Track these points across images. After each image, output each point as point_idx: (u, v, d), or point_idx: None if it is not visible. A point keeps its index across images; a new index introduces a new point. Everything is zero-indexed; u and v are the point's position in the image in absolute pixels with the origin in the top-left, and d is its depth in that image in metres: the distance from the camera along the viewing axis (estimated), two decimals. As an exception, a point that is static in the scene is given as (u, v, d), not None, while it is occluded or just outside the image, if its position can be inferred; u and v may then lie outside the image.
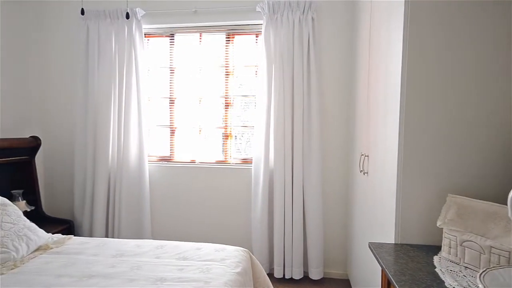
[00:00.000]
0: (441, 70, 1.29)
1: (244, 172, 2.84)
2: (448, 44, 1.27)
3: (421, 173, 1.31)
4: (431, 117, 1.30)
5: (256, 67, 2.82)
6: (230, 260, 1.79)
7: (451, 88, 1.28)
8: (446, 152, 1.30)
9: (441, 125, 1.29)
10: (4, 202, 1.94)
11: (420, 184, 1.31)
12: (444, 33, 1.27)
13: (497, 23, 1.24)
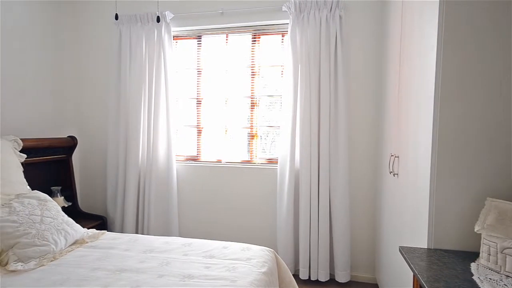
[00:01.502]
0: (479, 69, 1.22)
1: (269, 172, 2.84)
2: (485, 43, 1.20)
3: (457, 175, 1.25)
4: (468, 116, 1.23)
5: (282, 67, 2.81)
6: (256, 260, 1.80)
7: (490, 87, 1.21)
8: (485, 153, 1.23)
9: (479, 124, 1.23)
10: (45, 198, 2.07)
11: (456, 187, 1.25)
12: (480, 32, 1.21)
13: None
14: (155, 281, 1.54)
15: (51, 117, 2.89)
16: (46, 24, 2.80)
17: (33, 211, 1.90)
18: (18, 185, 2.13)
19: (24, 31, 2.60)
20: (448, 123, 1.25)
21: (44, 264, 1.69)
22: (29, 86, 2.66)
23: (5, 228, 1.72)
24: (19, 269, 1.61)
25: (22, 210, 1.85)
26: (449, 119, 1.25)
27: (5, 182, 2.04)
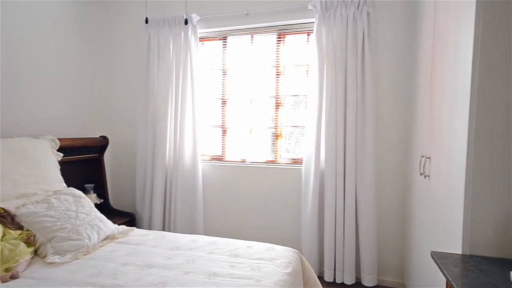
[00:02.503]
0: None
1: (294, 172, 2.82)
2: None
3: (495, 177, 1.18)
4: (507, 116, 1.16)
5: (307, 66, 2.78)
6: (280, 260, 1.79)
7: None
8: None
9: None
10: (80, 194, 2.18)
11: (494, 189, 1.18)
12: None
13: None
14: (182, 278, 1.58)
15: (85, 118, 3.03)
16: (82, 31, 2.94)
17: (69, 207, 2.00)
18: (55, 182, 2.26)
19: (61, 35, 2.75)
20: (485, 123, 1.19)
21: (78, 257, 1.78)
22: (65, 89, 2.80)
23: (44, 223, 1.83)
24: (56, 262, 1.70)
25: (59, 206, 1.95)
26: (485, 119, 1.19)
27: (44, 180, 2.17)
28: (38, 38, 2.54)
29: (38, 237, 1.80)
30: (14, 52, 2.37)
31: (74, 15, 2.87)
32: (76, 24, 2.90)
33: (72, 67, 2.87)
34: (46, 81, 2.62)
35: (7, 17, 2.29)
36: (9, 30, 2.31)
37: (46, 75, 2.62)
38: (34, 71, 2.51)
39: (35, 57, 2.53)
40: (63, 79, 2.78)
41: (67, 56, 2.81)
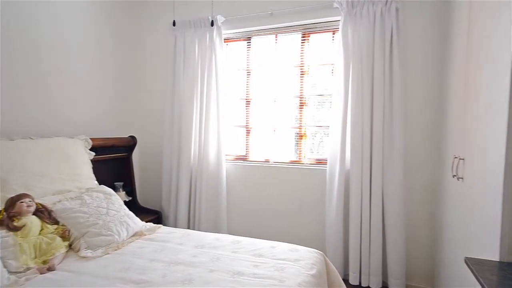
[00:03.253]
0: None
1: (318, 172, 2.79)
2: None
3: (538, 181, 1.10)
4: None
5: (332, 66, 2.73)
6: (304, 261, 1.78)
7: None
8: None
9: None
10: (110, 192, 2.27)
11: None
12: None
13: None
14: (207, 275, 1.60)
15: (115, 119, 3.15)
16: (112, 34, 3.06)
17: (100, 204, 2.09)
18: (88, 180, 2.36)
19: (92, 39, 2.87)
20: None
21: (109, 252, 1.85)
22: (97, 91, 2.93)
23: (78, 218, 1.92)
24: (88, 256, 1.78)
25: (91, 203, 2.04)
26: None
27: (77, 177, 2.28)
28: (71, 41, 2.66)
29: (72, 232, 1.89)
30: (49, 57, 2.49)
31: (104, 18, 2.99)
32: (107, 27, 3.02)
33: (103, 70, 2.99)
34: (79, 84, 2.75)
35: (39, 19, 2.39)
36: (43, 34, 2.43)
37: (78, 79, 2.74)
38: (67, 74, 2.64)
39: (69, 61, 2.65)
40: (94, 82, 2.91)
41: (98, 60, 2.93)
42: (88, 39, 2.83)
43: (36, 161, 2.06)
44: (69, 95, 2.66)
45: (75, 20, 2.69)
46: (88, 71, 2.84)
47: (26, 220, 1.73)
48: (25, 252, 1.63)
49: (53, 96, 2.52)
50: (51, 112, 2.51)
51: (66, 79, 2.62)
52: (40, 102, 2.41)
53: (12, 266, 1.54)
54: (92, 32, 2.86)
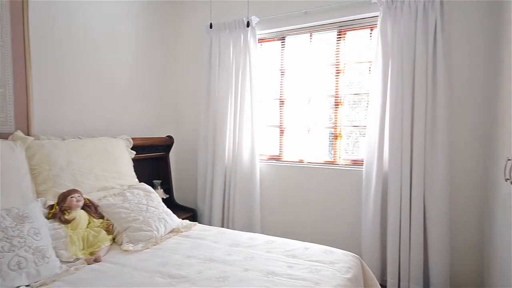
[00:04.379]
0: None
1: (353, 174, 2.71)
2: None
3: None
4: None
5: (370, 63, 2.64)
6: (339, 264, 1.74)
7: None
8: None
9: None
10: (149, 189, 2.37)
11: None
12: None
13: None
14: (241, 274, 1.62)
15: (153, 119, 3.29)
16: (152, 36, 3.20)
17: (141, 200, 2.19)
18: (129, 178, 2.49)
19: (130, 40, 3.01)
20: None
21: (148, 247, 1.93)
22: (136, 92, 3.08)
23: (121, 214, 2.03)
24: (130, 249, 1.88)
25: (132, 199, 2.15)
26: None
27: (120, 175, 2.41)
28: (110, 45, 2.79)
29: (116, 226, 2.01)
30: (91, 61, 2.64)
31: (143, 21, 3.12)
32: (145, 31, 3.15)
33: (142, 73, 3.13)
34: (120, 86, 2.90)
35: (76, 22, 2.51)
36: (83, 37, 2.55)
37: (119, 82, 2.89)
38: (109, 78, 2.78)
39: (109, 65, 2.80)
40: (134, 84, 3.05)
41: (137, 63, 3.08)
42: (127, 42, 2.96)
43: (84, 159, 2.21)
44: (111, 97, 2.81)
45: (114, 23, 2.81)
46: (128, 74, 2.98)
47: (75, 214, 1.86)
48: (75, 243, 1.76)
49: (97, 98, 2.68)
50: (96, 113, 2.67)
51: (107, 82, 2.77)
52: (85, 104, 2.58)
53: (63, 256, 1.66)
54: (131, 35, 3.00)
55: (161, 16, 3.33)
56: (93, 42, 2.64)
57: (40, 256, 1.50)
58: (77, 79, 2.51)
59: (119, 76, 2.89)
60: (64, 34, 2.41)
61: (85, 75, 2.57)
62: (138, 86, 3.10)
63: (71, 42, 2.47)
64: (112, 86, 2.82)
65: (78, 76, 2.52)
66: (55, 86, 2.36)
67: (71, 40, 2.46)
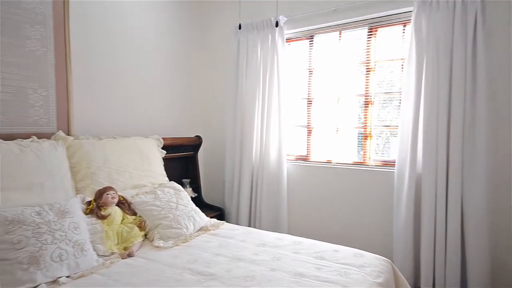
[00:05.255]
0: None
1: (384, 175, 2.62)
2: None
3: None
4: None
5: (402, 61, 2.55)
6: (370, 268, 1.69)
7: None
8: None
9: None
10: (179, 188, 2.44)
11: None
12: None
13: None
14: (268, 274, 1.62)
15: (182, 119, 3.38)
16: (181, 39, 3.29)
17: (171, 198, 2.25)
18: (160, 176, 2.58)
19: (161, 41, 3.10)
20: None
21: (178, 244, 1.99)
22: (166, 93, 3.17)
23: (152, 211, 2.10)
24: (161, 246, 1.94)
25: (163, 197, 2.22)
26: None
27: (151, 173, 2.50)
28: (142, 46, 2.88)
29: (148, 223, 2.08)
30: (123, 63, 2.75)
31: (173, 23, 3.21)
32: (175, 33, 3.23)
33: (172, 74, 3.22)
34: (150, 87, 2.99)
35: (114, 25, 2.62)
36: (117, 40, 2.66)
37: (150, 83, 2.99)
38: (140, 79, 2.88)
39: (141, 67, 2.90)
40: (164, 85, 3.14)
41: (167, 64, 3.16)
42: (159, 43, 3.05)
43: (119, 158, 2.31)
44: (143, 98, 2.91)
45: (147, 24, 2.91)
46: (160, 75, 3.08)
47: (111, 210, 1.95)
48: (110, 238, 1.84)
49: (129, 99, 2.78)
50: (128, 114, 2.78)
51: (139, 84, 2.86)
52: (119, 105, 2.69)
53: (100, 250, 1.75)
54: (163, 36, 3.08)
55: (191, 17, 3.40)
56: (128, 44, 2.74)
57: (79, 249, 1.59)
58: (112, 81, 2.63)
59: (151, 77, 2.99)
60: (101, 36, 2.52)
61: (119, 78, 2.69)
62: (169, 86, 3.19)
63: (108, 44, 2.58)
64: (143, 86, 2.92)
65: (113, 78, 2.64)
66: (92, 88, 2.48)
67: (107, 42, 2.57)
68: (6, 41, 1.96)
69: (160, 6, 3.04)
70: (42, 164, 1.85)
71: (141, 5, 2.85)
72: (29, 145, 1.87)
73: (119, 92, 2.69)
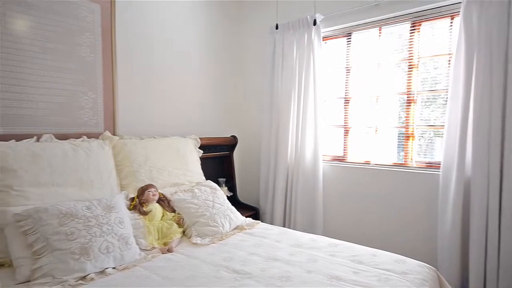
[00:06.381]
0: None
1: (428, 177, 2.48)
2: None
3: None
4: None
5: (449, 56, 2.39)
6: (413, 276, 1.60)
7: None
8: None
9: None
10: (215, 187, 2.49)
11: None
12: None
13: None
14: (304, 276, 1.60)
15: (218, 119, 3.44)
16: (216, 39, 3.36)
17: (207, 197, 2.31)
18: (197, 175, 2.65)
19: (197, 43, 3.18)
20: None
21: (214, 242, 2.03)
22: (203, 94, 3.25)
23: (190, 209, 2.17)
24: (198, 243, 2.00)
25: (200, 196, 2.28)
26: None
27: (189, 172, 2.58)
28: (179, 48, 2.96)
29: (186, 220, 2.15)
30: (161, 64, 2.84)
31: (209, 23, 3.28)
32: (211, 32, 3.30)
33: (208, 75, 3.29)
34: (187, 88, 3.08)
35: (151, 26, 2.72)
36: (154, 42, 2.75)
37: (187, 84, 3.07)
38: (178, 80, 2.97)
39: (178, 68, 2.99)
40: (201, 86, 3.22)
41: (204, 66, 3.24)
42: (196, 44, 3.13)
43: (159, 157, 2.41)
44: (180, 99, 3.00)
45: (182, 26, 2.99)
46: (197, 76, 3.17)
47: (152, 206, 2.05)
48: (151, 233, 1.93)
49: (167, 100, 2.88)
50: (167, 114, 2.88)
51: (176, 85, 2.96)
52: (158, 106, 2.81)
53: (142, 244, 1.85)
54: (199, 36, 3.16)
55: (227, 17, 3.45)
56: (165, 45, 2.84)
57: (124, 242, 1.68)
58: (151, 83, 2.75)
59: (189, 78, 3.09)
60: (140, 40, 2.63)
61: (158, 80, 2.80)
62: (206, 88, 3.27)
63: (146, 47, 2.69)
64: (180, 87, 3.01)
65: (151, 80, 2.75)
66: (133, 90, 2.61)
67: (146, 45, 2.68)
68: (60, 48, 2.13)
69: (197, 7, 3.12)
70: (92, 162, 1.99)
71: (178, 7, 2.94)
72: (80, 145, 2.02)
73: (157, 94, 2.80)
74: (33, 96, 2.02)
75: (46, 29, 2.06)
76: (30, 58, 2.00)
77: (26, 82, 1.99)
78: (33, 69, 2.01)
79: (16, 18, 1.93)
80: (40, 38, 2.03)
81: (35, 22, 2.01)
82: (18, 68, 1.95)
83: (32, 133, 1.97)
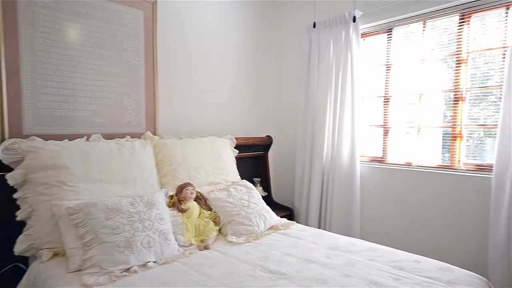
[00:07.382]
0: None
1: (477, 181, 2.30)
2: None
3: None
4: None
5: (504, 50, 2.19)
6: (460, 286, 1.50)
7: None
8: None
9: None
10: (251, 186, 2.51)
11: None
12: None
13: None
14: (341, 279, 1.56)
15: (254, 119, 3.46)
16: (252, 40, 3.38)
17: (243, 196, 2.33)
18: (233, 175, 2.69)
19: (233, 44, 3.22)
20: None
21: (249, 241, 2.05)
22: (238, 94, 3.29)
23: (226, 207, 2.21)
24: (233, 241, 2.02)
25: (235, 195, 2.31)
26: None
27: (225, 172, 2.62)
28: (215, 49, 3.02)
29: (221, 218, 2.19)
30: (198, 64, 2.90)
31: (245, 23, 3.30)
32: (246, 32, 3.32)
33: (243, 75, 3.32)
34: (224, 89, 3.13)
35: (189, 27, 2.80)
36: (191, 42, 2.81)
37: (223, 84, 3.12)
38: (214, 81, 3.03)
39: (214, 69, 3.04)
40: (236, 86, 3.26)
41: (239, 67, 3.27)
42: (233, 44, 3.18)
43: (196, 157, 2.48)
44: (216, 99, 3.06)
45: (218, 26, 3.04)
46: (233, 77, 3.21)
47: (189, 204, 2.12)
48: (189, 230, 2.00)
49: (204, 101, 2.95)
50: (204, 114, 2.95)
51: (213, 85, 3.02)
52: (195, 106, 2.88)
53: (180, 241, 1.91)
54: (236, 37, 3.20)
55: (262, 16, 3.46)
56: (202, 46, 2.90)
57: (164, 238, 1.76)
58: (189, 85, 2.83)
59: (225, 78, 3.14)
60: (178, 43, 2.71)
61: (195, 80, 2.87)
62: (241, 88, 3.31)
63: (184, 48, 2.76)
64: (217, 87, 3.06)
65: (190, 82, 2.83)
66: (172, 92, 2.70)
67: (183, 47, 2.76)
68: (107, 53, 2.27)
69: (234, 7, 3.16)
70: (134, 160, 2.10)
71: (214, 10, 3.00)
72: (124, 144, 2.13)
73: (195, 95, 2.88)
74: (83, 99, 2.18)
75: (95, 36, 2.21)
76: (81, 64, 2.16)
77: (77, 86, 2.15)
78: (84, 74, 2.17)
79: (67, 26, 2.08)
80: (89, 44, 2.19)
81: (85, 30, 2.16)
82: (70, 73, 2.11)
83: (82, 133, 2.13)
